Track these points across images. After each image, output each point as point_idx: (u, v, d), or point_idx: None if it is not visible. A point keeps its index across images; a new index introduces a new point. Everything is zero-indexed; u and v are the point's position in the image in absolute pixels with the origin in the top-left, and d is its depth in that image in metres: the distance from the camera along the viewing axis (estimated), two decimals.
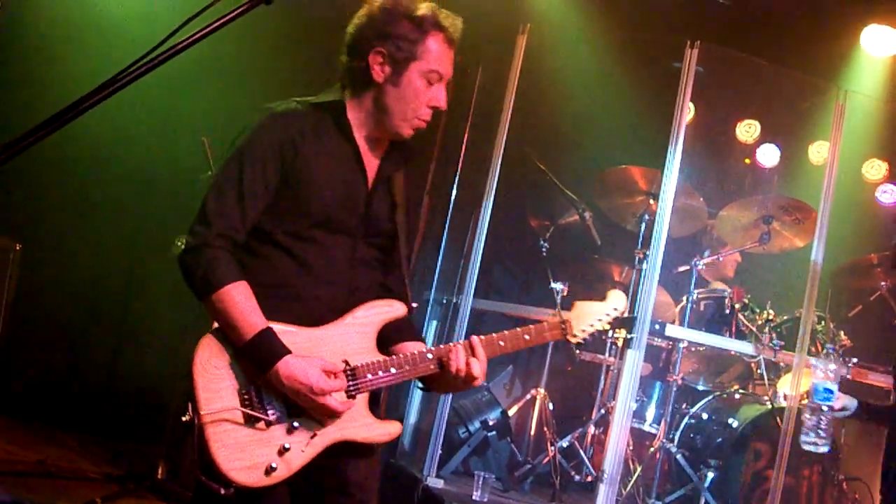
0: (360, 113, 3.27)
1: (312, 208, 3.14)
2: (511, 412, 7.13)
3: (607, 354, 7.30)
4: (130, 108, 6.79)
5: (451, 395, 6.33)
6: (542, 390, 7.04)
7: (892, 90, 8.46)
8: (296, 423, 3.00)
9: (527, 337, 3.34)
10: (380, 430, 3.16)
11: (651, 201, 7.22)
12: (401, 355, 3.17)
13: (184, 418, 2.91)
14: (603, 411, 7.00)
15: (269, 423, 2.97)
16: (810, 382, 5.54)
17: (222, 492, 2.89)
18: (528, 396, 7.10)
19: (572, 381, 7.83)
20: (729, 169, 9.40)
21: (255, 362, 2.98)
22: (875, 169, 9.53)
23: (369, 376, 3.11)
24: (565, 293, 6.92)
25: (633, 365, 6.14)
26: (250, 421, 2.95)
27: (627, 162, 7.35)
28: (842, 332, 7.46)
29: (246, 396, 2.97)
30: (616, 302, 3.53)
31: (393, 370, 3.14)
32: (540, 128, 7.89)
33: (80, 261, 7.37)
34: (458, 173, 7.73)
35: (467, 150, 7.68)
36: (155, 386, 6.81)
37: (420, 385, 3.37)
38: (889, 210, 9.47)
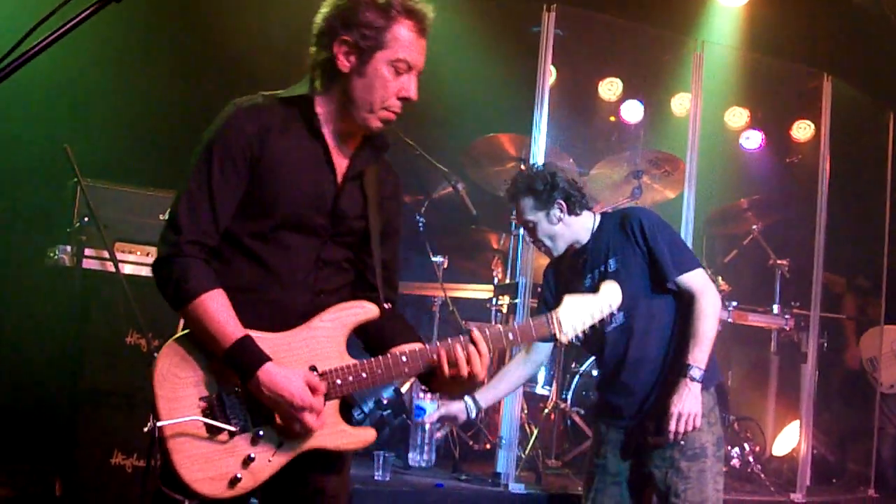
0: (330, 106, 3.10)
1: (277, 208, 3.00)
2: (404, 389, 7.11)
3: (493, 322, 7.33)
4: None
5: None
6: None
7: (748, 39, 8.65)
8: (261, 433, 2.89)
9: (510, 336, 3.14)
10: (352, 438, 3.05)
11: (522, 167, 7.25)
12: (372, 360, 3.01)
13: (145, 429, 2.81)
14: None
15: (232, 434, 2.86)
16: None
17: (186, 503, 2.82)
18: None
19: None
20: (595, 128, 9.52)
21: (236, 370, 2.86)
22: (737, 117, 9.76)
23: (339, 382, 2.96)
24: (445, 265, 6.96)
25: None
26: (212, 431, 2.84)
27: (495, 130, 7.37)
28: (720, 278, 7.63)
29: (207, 406, 2.86)
30: (611, 296, 3.32)
31: (364, 375, 3.00)
32: (405, 104, 7.86)
33: None
34: None
35: None
36: (41, 401, 6.63)
37: (423, 388, 3.25)
38: (753, 155, 9.70)
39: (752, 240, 8.25)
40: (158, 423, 2.80)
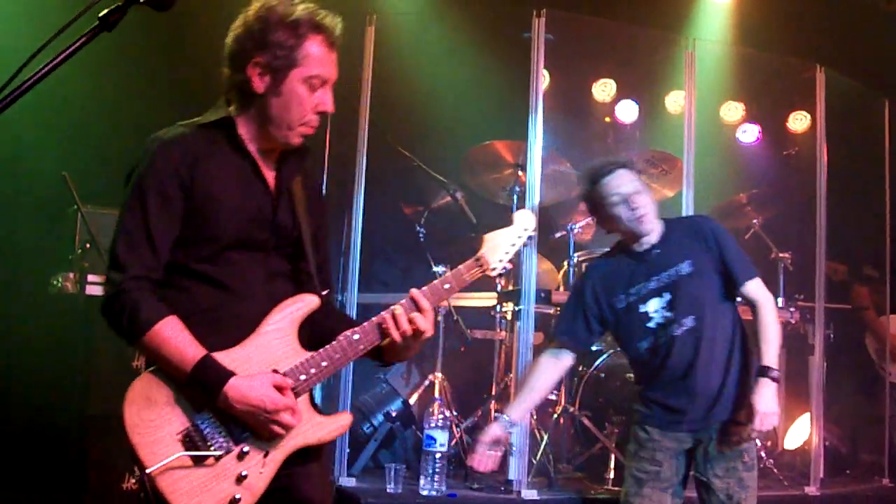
0: (251, 126, 3.15)
1: (221, 231, 3.04)
2: (412, 400, 7.13)
3: (498, 329, 7.32)
4: None
5: (349, 395, 6.29)
6: (439, 374, 7.03)
7: (739, 33, 8.67)
8: (245, 448, 2.92)
9: (447, 286, 3.21)
10: (330, 427, 3.10)
11: (519, 173, 7.25)
12: (328, 346, 3.07)
13: (133, 480, 2.81)
14: (502, 386, 7.03)
15: (218, 458, 2.89)
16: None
17: None
18: (427, 382, 7.09)
19: (468, 361, 7.84)
20: (591, 130, 9.51)
21: (202, 392, 2.89)
22: (732, 111, 9.77)
23: (303, 377, 3.01)
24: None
25: (525, 336, 6.18)
26: (199, 461, 2.86)
27: (491, 137, 7.36)
28: None
29: (187, 438, 2.88)
30: (524, 221, 3.39)
31: (324, 364, 3.05)
32: (401, 116, 7.87)
33: None
34: (325, 173, 7.69)
35: (331, 149, 7.63)
36: (51, 429, 6.62)
37: (377, 363, 3.30)
38: (750, 149, 9.70)
39: (753, 234, 8.24)
40: (147, 471, 2.81)
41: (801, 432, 7.88)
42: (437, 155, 7.48)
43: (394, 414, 6.87)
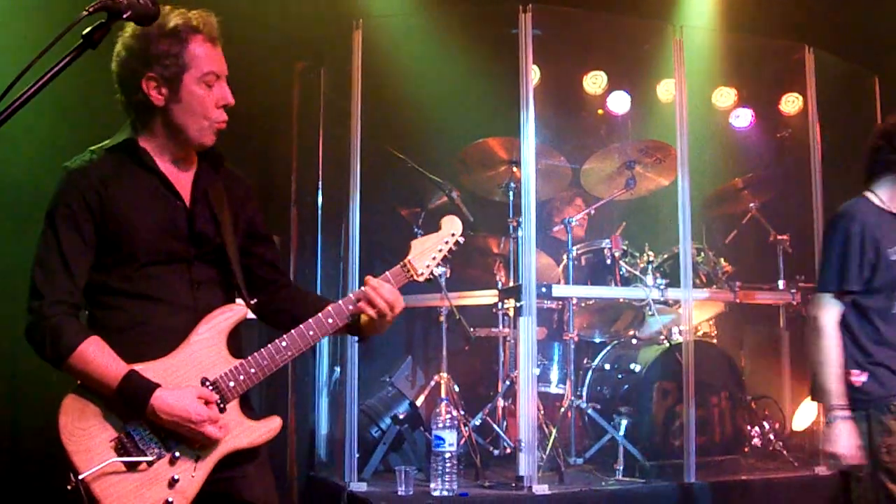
0: (156, 140, 3.24)
1: (137, 249, 3.14)
2: (419, 402, 7.14)
3: (501, 326, 7.33)
4: None
5: (356, 400, 6.31)
6: (444, 374, 7.05)
7: (726, 18, 8.65)
8: (177, 454, 3.03)
9: (399, 277, 3.40)
10: (261, 430, 3.21)
11: (514, 169, 7.26)
12: (255, 354, 3.19)
13: (68, 486, 2.93)
14: (508, 382, 7.03)
15: (150, 463, 2.99)
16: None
17: None
18: (433, 383, 7.10)
19: (472, 360, 7.84)
20: (583, 123, 9.49)
21: (130, 406, 2.99)
22: (724, 96, 9.75)
23: (232, 384, 3.14)
24: (448, 275, 6.95)
25: (528, 331, 6.18)
26: (132, 466, 2.97)
27: (484, 135, 7.36)
28: (722, 259, 7.63)
29: (119, 445, 2.99)
30: (451, 227, 3.53)
31: (252, 370, 3.17)
32: (393, 119, 7.86)
33: None
34: (320, 179, 7.70)
35: (325, 155, 7.65)
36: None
37: (357, 340, 3.46)
38: (744, 133, 9.70)
39: (750, 218, 8.24)
40: (80, 476, 2.91)
41: (809, 413, 7.87)
42: (431, 155, 7.48)
43: (401, 416, 6.87)
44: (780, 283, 7.77)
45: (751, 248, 8.34)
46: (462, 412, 6.82)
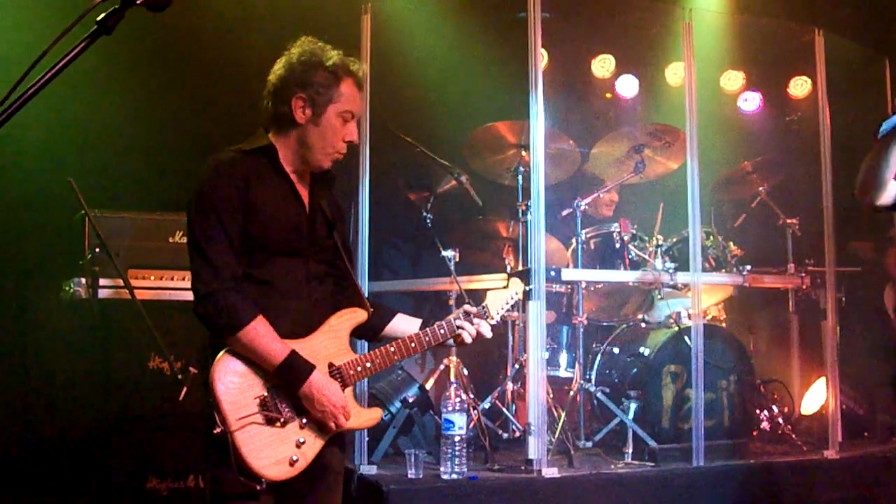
0: (287, 151, 3.71)
1: (269, 240, 3.61)
2: (428, 385, 7.14)
3: (514, 310, 7.33)
4: None
5: (366, 383, 6.32)
6: (454, 358, 7.04)
7: (735, 1, 8.63)
8: (304, 420, 3.56)
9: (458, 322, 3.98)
10: (365, 417, 3.79)
11: (523, 153, 7.26)
12: (371, 352, 3.75)
13: (215, 431, 3.36)
14: (517, 366, 7.04)
15: (284, 423, 3.51)
16: None
17: (258, 487, 3.41)
18: (442, 367, 7.10)
19: (482, 343, 7.81)
20: (592, 106, 9.48)
21: (289, 381, 3.51)
22: (732, 80, 9.75)
23: (352, 373, 3.69)
24: (457, 259, 6.95)
25: (537, 315, 6.17)
26: (270, 422, 3.48)
27: (493, 119, 7.35)
28: (731, 243, 7.62)
29: (262, 402, 3.48)
30: (516, 287, 4.19)
31: (368, 364, 3.74)
32: (402, 104, 7.84)
33: None
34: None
35: None
36: (71, 435, 6.63)
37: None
38: (753, 117, 9.69)
39: (759, 202, 8.24)
40: (232, 428, 3.38)
41: (818, 397, 7.89)
42: (439, 140, 7.45)
43: (411, 400, 6.87)
44: (790, 267, 7.76)
45: (760, 231, 8.32)
46: (471, 396, 6.82)
